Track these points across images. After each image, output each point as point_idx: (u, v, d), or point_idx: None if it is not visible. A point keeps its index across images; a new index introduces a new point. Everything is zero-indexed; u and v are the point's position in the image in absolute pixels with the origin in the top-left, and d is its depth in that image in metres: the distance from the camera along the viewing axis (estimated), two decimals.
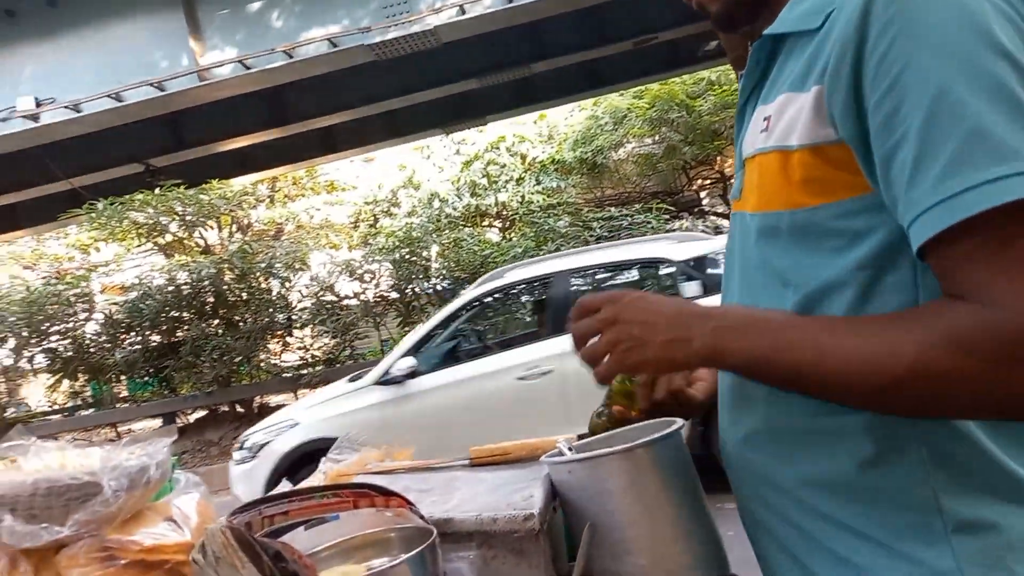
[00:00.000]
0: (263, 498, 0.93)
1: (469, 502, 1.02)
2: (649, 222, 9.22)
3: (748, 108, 0.88)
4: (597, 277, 5.62)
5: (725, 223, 10.52)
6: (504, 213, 15.87)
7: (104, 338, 9.38)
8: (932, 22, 0.62)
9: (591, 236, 9.33)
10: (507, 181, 15.83)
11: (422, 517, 0.92)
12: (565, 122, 17.08)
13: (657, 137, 14.67)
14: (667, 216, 9.42)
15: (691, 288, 4.82)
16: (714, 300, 0.89)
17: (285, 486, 1.16)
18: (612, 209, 9.76)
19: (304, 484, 1.23)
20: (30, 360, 9.54)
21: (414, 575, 0.80)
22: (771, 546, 0.85)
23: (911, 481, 0.71)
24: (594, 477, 0.93)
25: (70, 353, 9.41)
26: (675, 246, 5.44)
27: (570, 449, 1.06)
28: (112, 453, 0.92)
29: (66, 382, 9.82)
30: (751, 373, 0.75)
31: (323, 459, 1.40)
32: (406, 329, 9.46)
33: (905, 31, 0.63)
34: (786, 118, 0.75)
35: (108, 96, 8.81)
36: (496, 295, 5.50)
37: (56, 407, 10.43)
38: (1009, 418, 0.66)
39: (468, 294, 5.37)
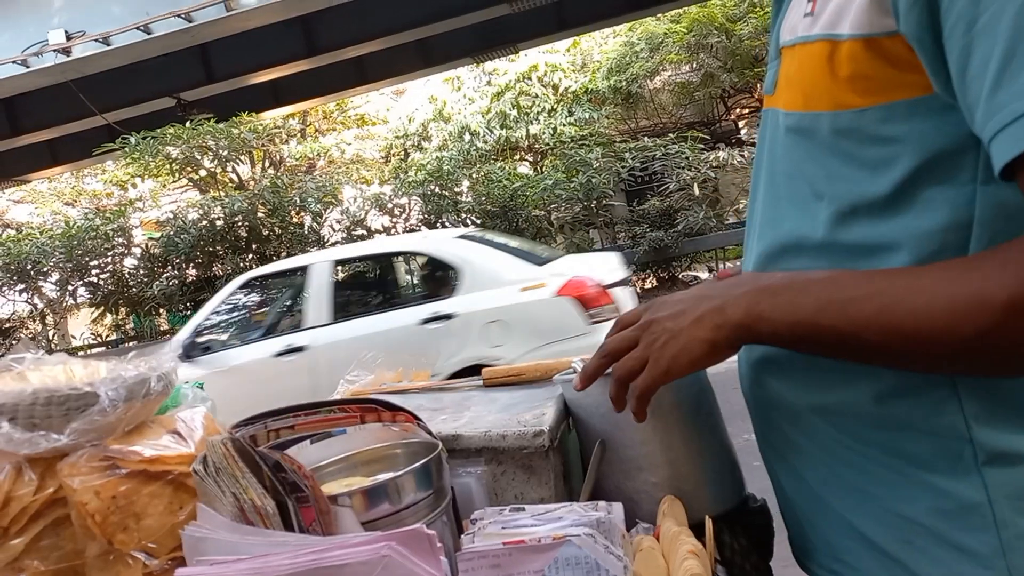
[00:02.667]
0: (269, 412, 0.92)
1: (479, 419, 0.99)
2: (684, 152, 8.96)
3: None
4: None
5: None
6: (535, 146, 15.65)
7: (142, 272, 9.59)
8: None
9: (623, 167, 9.13)
10: (539, 113, 15.55)
11: (429, 432, 0.90)
12: (599, 49, 16.60)
13: (695, 64, 14.18)
14: (702, 147, 9.13)
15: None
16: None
17: None
18: (646, 140, 9.49)
19: None
20: (72, 294, 9.81)
21: (419, 486, 0.78)
22: (784, 473, 0.80)
23: (939, 411, 0.64)
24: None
25: (111, 287, 9.65)
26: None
27: None
28: (116, 366, 0.91)
29: (109, 316, 10.10)
30: (797, 340, 0.64)
31: (341, 380, 1.40)
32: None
33: None
34: (836, 1, 0.64)
35: (137, 28, 8.77)
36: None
37: (100, 340, 10.77)
38: None
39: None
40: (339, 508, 0.73)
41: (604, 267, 5.14)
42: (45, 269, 9.55)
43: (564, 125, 15.02)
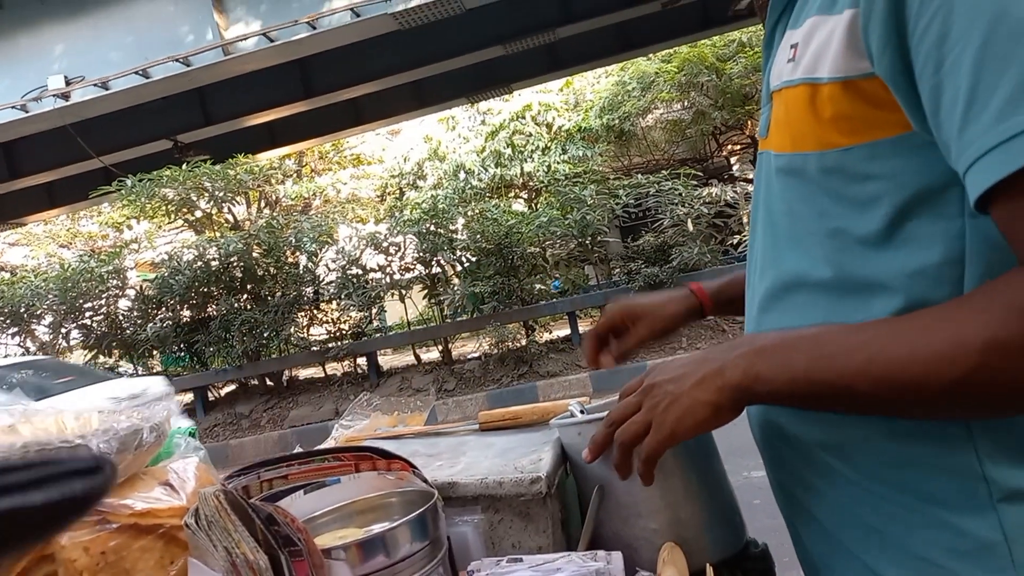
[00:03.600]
0: (262, 461, 0.91)
1: (476, 466, 0.98)
2: (677, 189, 9.04)
3: (776, 33, 0.78)
4: None
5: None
6: (530, 184, 15.77)
7: (136, 314, 9.55)
8: None
9: (617, 204, 9.19)
10: (533, 151, 15.70)
11: (425, 480, 0.89)
12: (591, 89, 16.84)
13: (686, 102, 14.38)
14: (695, 183, 9.21)
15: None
16: None
17: None
18: (639, 176, 9.58)
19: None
20: (66, 336, 9.74)
21: (415, 537, 0.77)
22: (797, 513, 0.79)
23: (952, 449, 0.63)
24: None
25: (104, 329, 9.59)
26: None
27: (582, 411, 1.02)
28: (109, 417, 0.90)
29: (102, 358, 10.03)
30: (794, 396, 0.65)
31: (335, 425, 1.38)
32: (431, 301, 9.48)
33: None
34: (814, 46, 0.66)
35: (135, 72, 8.88)
36: None
37: None
38: None
39: None
40: (333, 562, 0.72)
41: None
42: (39, 312, 9.51)
43: (558, 163, 15.17)
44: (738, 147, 16.20)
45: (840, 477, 0.71)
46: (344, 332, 9.29)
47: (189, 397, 9.79)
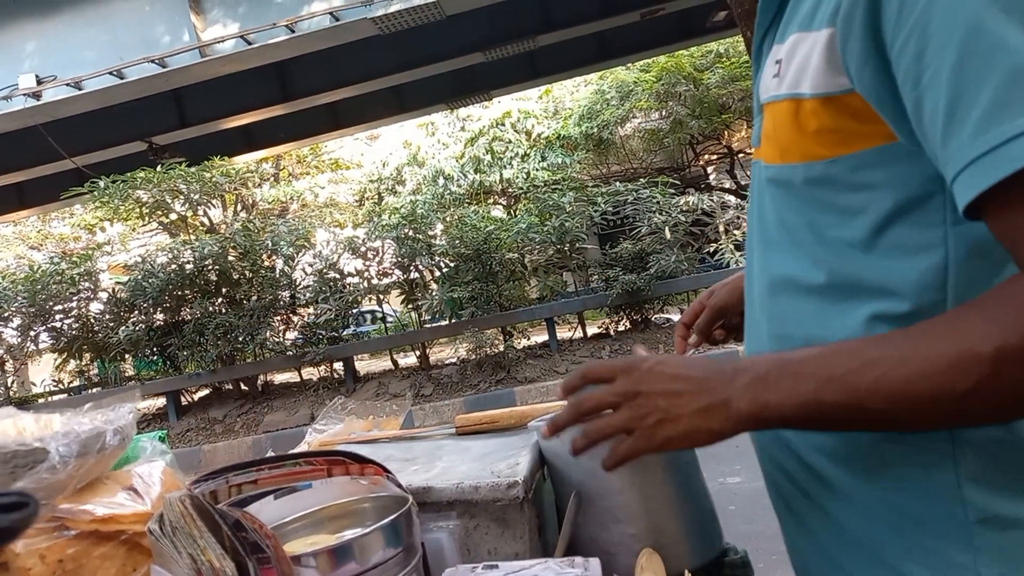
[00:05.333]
0: (231, 466, 0.88)
1: (452, 470, 0.96)
2: (655, 197, 9.08)
3: (764, 47, 0.80)
4: None
5: (731, 199, 10.38)
6: (509, 190, 15.78)
7: (108, 317, 9.37)
8: None
9: (595, 211, 9.22)
10: (512, 158, 15.74)
11: (399, 485, 0.87)
12: (571, 97, 16.92)
13: (664, 111, 14.49)
14: (672, 192, 9.27)
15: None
16: None
17: None
18: (618, 184, 9.62)
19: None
20: (35, 339, 9.54)
21: (387, 544, 0.75)
22: (791, 522, 0.80)
23: (933, 463, 0.65)
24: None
25: (75, 332, 9.41)
26: None
27: None
28: (71, 419, 0.87)
29: (73, 361, 9.83)
30: (806, 420, 0.64)
31: (309, 430, 1.36)
32: (409, 307, 9.43)
33: None
34: (796, 62, 0.68)
35: (110, 73, 8.75)
36: None
37: (63, 386, 10.47)
38: None
39: None
40: (303, 569, 0.69)
41: None
42: (6, 314, 9.30)
43: (537, 170, 15.20)
44: (715, 157, 16.36)
45: (833, 488, 0.72)
46: (321, 336, 9.20)
47: (161, 401, 9.63)
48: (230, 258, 9.12)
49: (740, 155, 15.08)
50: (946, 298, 0.63)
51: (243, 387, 9.55)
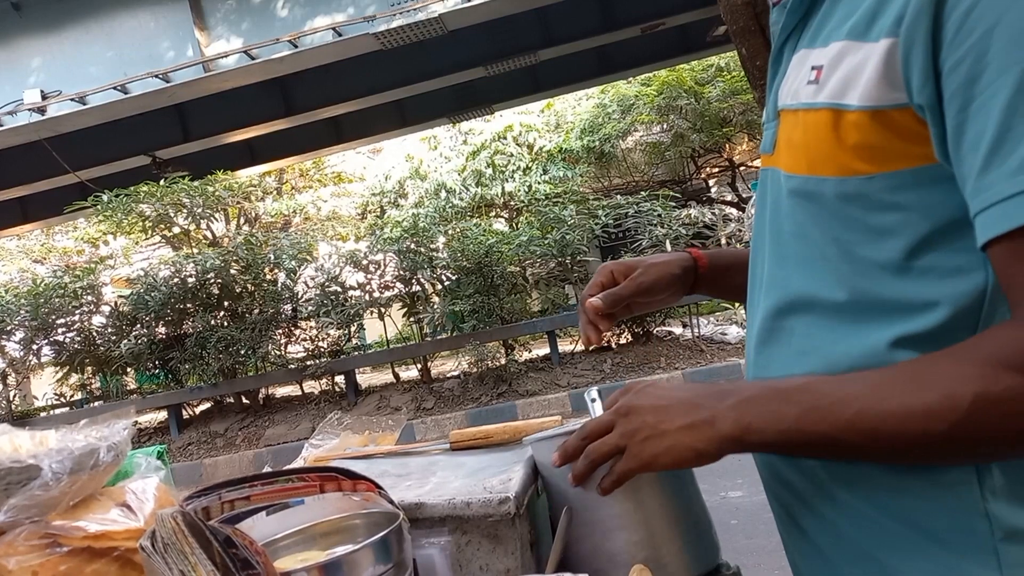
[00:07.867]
0: (223, 482, 0.88)
1: (445, 486, 0.96)
2: (656, 210, 9.10)
3: (787, 49, 0.76)
4: None
5: (732, 211, 10.40)
6: (511, 203, 15.82)
7: (110, 330, 9.39)
8: None
9: (597, 224, 9.24)
10: (514, 171, 15.78)
11: (391, 501, 0.87)
12: (572, 111, 16.98)
13: (665, 125, 14.54)
14: (674, 205, 9.29)
15: None
16: None
17: None
18: (619, 197, 9.65)
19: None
20: (37, 353, 9.55)
21: (378, 560, 0.75)
22: (793, 535, 0.78)
23: (954, 480, 0.63)
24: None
25: (77, 345, 9.42)
26: None
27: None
28: (65, 436, 0.88)
29: (75, 375, 9.84)
30: (787, 445, 0.65)
31: (306, 445, 1.36)
32: (411, 320, 9.43)
33: None
34: (843, 71, 0.64)
35: (114, 88, 8.81)
36: None
37: (65, 400, 10.47)
38: None
39: None
40: None
41: None
42: (9, 328, 9.32)
43: (539, 183, 15.24)
44: (716, 169, 16.38)
45: (841, 501, 0.70)
46: (323, 350, 9.20)
47: (163, 415, 9.62)
48: (232, 271, 9.15)
49: (742, 168, 15.11)
50: (978, 322, 0.61)
51: (244, 401, 9.55)
